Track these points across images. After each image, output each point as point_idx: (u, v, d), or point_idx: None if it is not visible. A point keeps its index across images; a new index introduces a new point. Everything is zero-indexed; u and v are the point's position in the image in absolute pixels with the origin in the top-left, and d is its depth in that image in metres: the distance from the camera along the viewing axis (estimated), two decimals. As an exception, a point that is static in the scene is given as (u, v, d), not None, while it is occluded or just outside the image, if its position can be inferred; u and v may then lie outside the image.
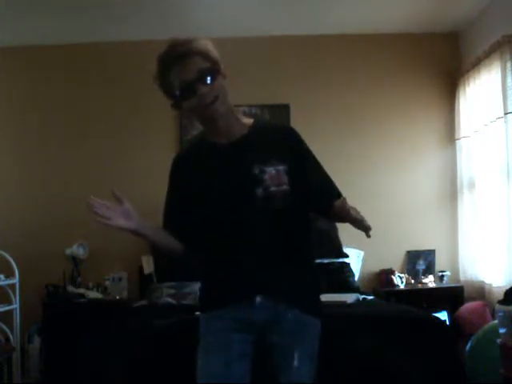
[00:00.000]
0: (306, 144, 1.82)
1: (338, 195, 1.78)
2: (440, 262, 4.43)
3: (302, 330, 1.67)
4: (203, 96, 1.63)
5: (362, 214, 1.68)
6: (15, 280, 3.93)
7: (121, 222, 1.60)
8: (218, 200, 1.70)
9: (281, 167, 1.67)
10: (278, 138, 1.76)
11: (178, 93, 1.67)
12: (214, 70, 1.67)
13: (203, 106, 1.65)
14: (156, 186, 4.42)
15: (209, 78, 1.64)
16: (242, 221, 1.67)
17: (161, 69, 1.69)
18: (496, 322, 2.89)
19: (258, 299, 1.63)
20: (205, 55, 1.67)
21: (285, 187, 1.66)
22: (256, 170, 1.66)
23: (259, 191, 1.65)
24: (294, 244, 1.72)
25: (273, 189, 1.65)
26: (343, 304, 3.14)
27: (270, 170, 1.66)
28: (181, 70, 1.64)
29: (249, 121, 1.80)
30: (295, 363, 1.61)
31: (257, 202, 1.65)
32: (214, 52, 1.71)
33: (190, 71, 1.63)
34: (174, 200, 1.81)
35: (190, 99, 1.66)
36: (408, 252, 4.46)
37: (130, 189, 4.47)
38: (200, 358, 1.68)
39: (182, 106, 1.71)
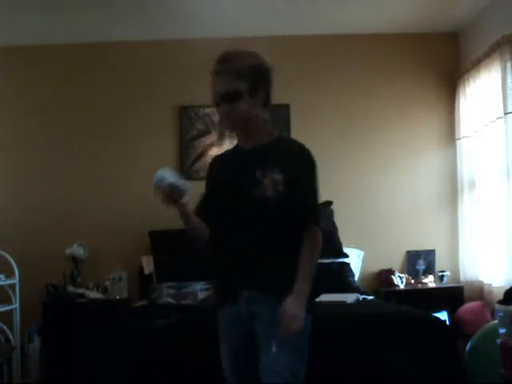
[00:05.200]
0: (310, 166, 1.88)
1: (311, 217, 1.84)
2: (440, 262, 4.43)
3: None
4: (221, 113, 1.85)
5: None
6: (15, 280, 3.93)
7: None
8: (218, 196, 1.89)
9: (281, 176, 1.78)
10: (289, 152, 1.87)
11: (214, 98, 1.86)
12: (240, 91, 1.80)
13: (222, 121, 1.90)
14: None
15: (232, 97, 1.80)
16: (235, 218, 1.82)
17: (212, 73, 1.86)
18: (496, 321, 2.89)
19: (246, 294, 1.78)
20: (242, 76, 1.80)
21: (280, 196, 1.77)
22: (258, 174, 1.80)
23: (256, 192, 1.78)
24: (281, 246, 1.81)
25: (270, 193, 1.77)
26: (343, 304, 3.14)
27: (272, 176, 1.78)
28: (218, 82, 1.82)
29: (273, 134, 1.96)
30: (273, 349, 1.70)
31: (252, 202, 1.78)
32: (257, 73, 1.84)
33: (221, 87, 1.81)
34: (204, 195, 2.00)
35: (217, 108, 1.86)
36: (408, 252, 4.46)
37: (129, 189, 4.48)
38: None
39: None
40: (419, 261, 4.39)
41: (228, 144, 2.23)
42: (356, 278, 4.11)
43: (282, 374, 1.70)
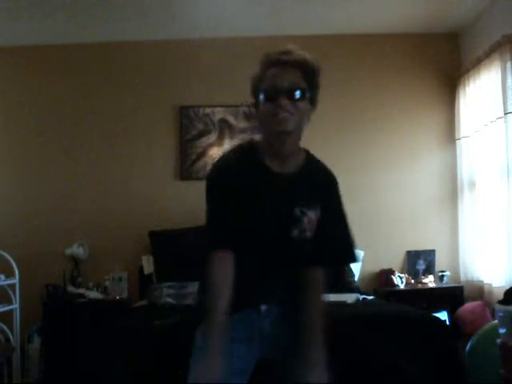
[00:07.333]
0: (340, 197, 1.84)
1: (348, 259, 1.91)
2: (440, 262, 4.43)
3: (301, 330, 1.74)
4: (281, 107, 1.59)
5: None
6: (15, 280, 3.93)
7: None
8: (254, 226, 1.70)
9: (317, 213, 1.74)
10: (322, 183, 1.79)
11: (262, 93, 1.65)
12: (306, 92, 1.66)
13: (276, 117, 1.61)
14: (156, 186, 4.45)
15: (297, 95, 1.62)
16: (271, 252, 1.73)
17: (263, 66, 1.68)
18: (496, 321, 2.89)
19: (264, 307, 1.73)
20: (308, 76, 1.68)
21: (313, 233, 1.74)
22: (297, 212, 1.71)
23: (295, 232, 1.71)
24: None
25: (308, 233, 1.72)
26: (343, 304, 3.14)
27: (310, 214, 1.72)
28: (278, 74, 1.63)
29: (303, 153, 1.79)
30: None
31: (291, 241, 1.72)
32: (318, 79, 1.74)
33: (285, 80, 1.62)
34: (226, 206, 1.70)
35: (268, 104, 1.63)
36: (408, 252, 4.46)
37: (130, 189, 4.48)
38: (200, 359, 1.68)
39: (257, 109, 1.70)
40: (419, 261, 4.39)
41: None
42: (356, 278, 4.11)
43: None
